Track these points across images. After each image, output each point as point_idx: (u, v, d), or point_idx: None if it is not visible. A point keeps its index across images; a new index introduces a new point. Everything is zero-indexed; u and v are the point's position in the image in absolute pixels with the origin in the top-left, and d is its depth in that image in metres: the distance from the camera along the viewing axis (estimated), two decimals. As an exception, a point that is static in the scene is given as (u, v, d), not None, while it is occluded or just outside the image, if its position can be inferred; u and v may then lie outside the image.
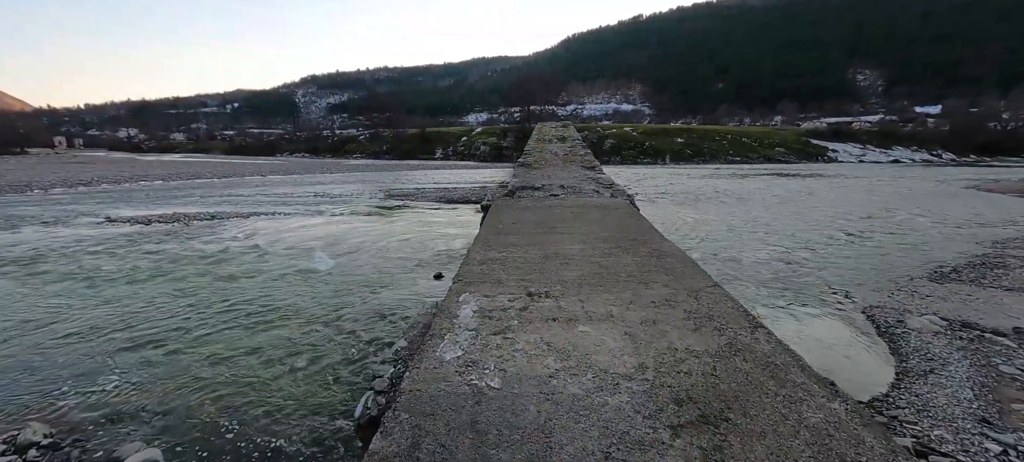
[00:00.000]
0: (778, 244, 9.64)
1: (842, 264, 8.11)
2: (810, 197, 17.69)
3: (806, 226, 11.75)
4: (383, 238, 10.11)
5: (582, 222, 4.64)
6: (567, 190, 7.58)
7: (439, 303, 2.71)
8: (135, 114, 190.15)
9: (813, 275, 7.44)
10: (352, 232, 10.73)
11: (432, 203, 15.83)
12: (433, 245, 9.39)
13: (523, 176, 9.58)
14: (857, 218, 12.95)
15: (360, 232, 10.76)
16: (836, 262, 8.23)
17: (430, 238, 10.05)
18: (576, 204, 5.69)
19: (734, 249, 9.10)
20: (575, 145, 15.56)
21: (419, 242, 9.71)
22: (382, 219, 12.62)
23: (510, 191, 8.06)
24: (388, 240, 9.88)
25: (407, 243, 9.62)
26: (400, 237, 10.22)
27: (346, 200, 16.65)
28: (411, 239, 9.97)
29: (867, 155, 51.42)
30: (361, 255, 8.60)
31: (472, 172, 30.76)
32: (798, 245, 9.55)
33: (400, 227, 11.39)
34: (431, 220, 12.46)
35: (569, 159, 12.59)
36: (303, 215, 13.25)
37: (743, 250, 9.05)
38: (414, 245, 9.42)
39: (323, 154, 58.25)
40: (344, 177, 27.21)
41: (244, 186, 21.95)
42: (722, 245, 9.47)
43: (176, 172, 29.77)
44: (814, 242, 9.83)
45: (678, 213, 13.75)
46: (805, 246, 9.46)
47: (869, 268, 7.86)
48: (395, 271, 7.61)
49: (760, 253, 8.85)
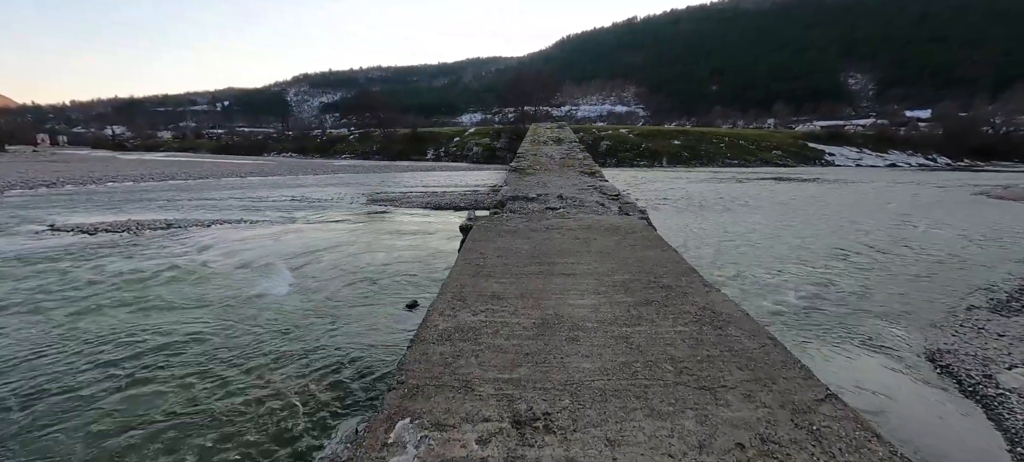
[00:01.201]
0: (802, 261, 8.57)
1: (881, 288, 7.04)
2: (819, 205, 16.73)
3: (825, 239, 10.71)
4: (356, 252, 8.89)
5: (591, 255, 3.48)
6: (567, 202, 6.43)
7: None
8: (122, 111, 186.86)
9: (854, 303, 6.36)
10: (323, 244, 9.50)
11: (417, 209, 14.62)
12: (411, 261, 8.20)
13: (515, 183, 8.42)
14: (876, 230, 11.95)
15: (332, 244, 9.53)
16: (874, 285, 7.17)
17: (409, 252, 8.85)
18: (580, 226, 4.53)
19: (755, 268, 8.01)
20: (572, 148, 14.44)
21: (396, 257, 8.51)
22: (359, 228, 11.38)
23: (500, 202, 6.90)
24: (362, 254, 8.66)
25: (383, 259, 8.42)
26: (376, 250, 9.01)
27: (325, 205, 15.38)
28: (388, 254, 8.76)
29: (864, 159, 50.95)
30: (326, 274, 7.38)
31: (463, 174, 29.57)
32: (824, 263, 8.49)
33: (377, 238, 10.17)
34: (413, 230, 11.25)
35: (566, 163, 11.46)
36: (272, 223, 11.98)
37: (765, 269, 7.96)
38: (390, 261, 8.22)
39: (311, 154, 56.70)
40: (328, 179, 25.88)
41: (218, 189, 20.56)
42: (741, 263, 8.38)
43: (151, 172, 28.23)
44: (841, 259, 8.78)
45: (685, 223, 12.67)
46: (833, 264, 8.40)
47: (915, 294, 6.80)
48: (361, 297, 6.40)
49: (785, 273, 7.77)
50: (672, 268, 3.16)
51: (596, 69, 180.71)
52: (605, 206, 6.08)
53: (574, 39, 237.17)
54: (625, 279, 2.93)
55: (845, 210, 15.38)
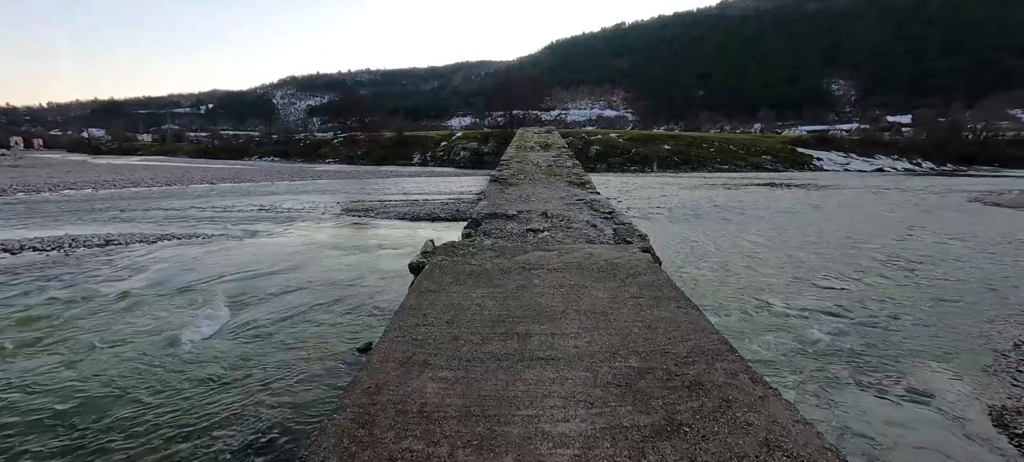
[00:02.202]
0: (816, 282, 7.71)
1: (911, 317, 6.19)
2: (819, 213, 16.04)
3: (835, 254, 9.91)
4: (314, 274, 7.78)
5: (581, 318, 2.49)
6: (552, 222, 5.45)
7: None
8: (102, 114, 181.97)
9: (886, 339, 5.48)
10: (277, 264, 8.37)
11: (393, 221, 13.52)
12: (375, 286, 7.12)
13: (495, 196, 7.42)
14: (885, 242, 11.21)
15: (288, 264, 8.40)
16: (902, 313, 6.31)
17: (373, 275, 7.76)
18: (566, 263, 3.53)
19: (767, 293, 7.11)
20: (561, 154, 13.49)
21: (358, 280, 7.42)
22: (324, 244, 10.24)
23: (474, 219, 5.89)
24: (318, 279, 7.55)
25: (342, 281, 7.32)
26: (336, 271, 7.91)
27: (293, 217, 14.18)
28: (349, 276, 7.67)
29: (851, 164, 51.10)
30: (271, 304, 6.27)
31: (448, 181, 28.49)
32: (841, 284, 7.63)
33: (341, 257, 9.05)
34: (384, 245, 10.16)
35: (554, 172, 10.50)
36: (228, 238, 10.78)
37: (779, 294, 7.06)
38: (350, 285, 7.13)
39: (294, 158, 55.01)
40: (304, 186, 24.57)
41: (184, 197, 19.17)
42: (750, 286, 7.48)
43: (116, 178, 26.58)
44: (858, 279, 7.94)
45: (682, 234, 11.79)
46: (851, 286, 7.54)
47: (950, 324, 5.95)
48: (306, 337, 5.32)
49: (801, 297, 6.88)
50: (698, 342, 2.17)
51: (585, 74, 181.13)
52: (597, 227, 5.11)
53: (564, 43, 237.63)
54: (632, 368, 1.94)
55: (846, 219, 14.69)
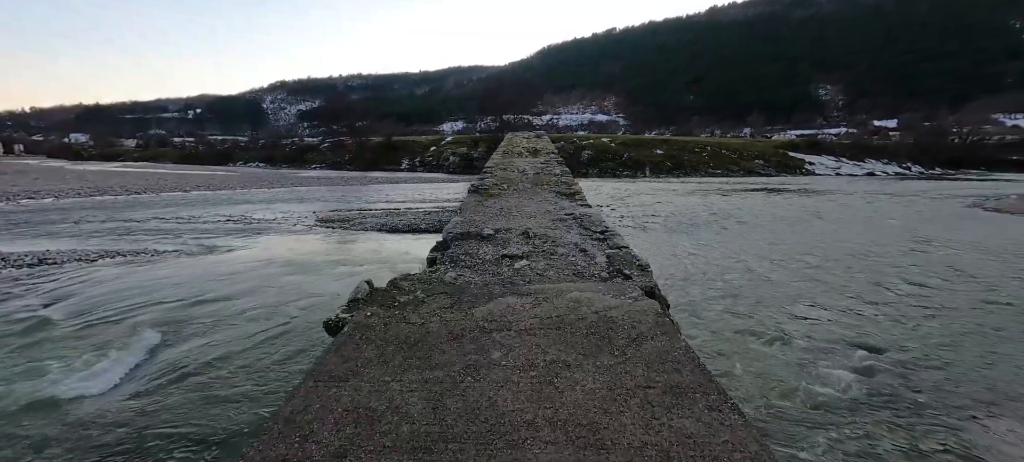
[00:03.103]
0: (832, 305, 6.88)
1: (946, 347, 5.37)
2: (820, 222, 15.35)
3: (845, 269, 9.13)
4: (258, 304, 6.77)
5: (556, 429, 1.56)
6: (534, 245, 4.53)
7: None
8: (87, 119, 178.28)
9: (928, 380, 4.64)
10: (222, 289, 7.35)
11: (371, 232, 12.53)
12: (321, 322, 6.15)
13: (472, 210, 6.49)
14: (895, 254, 10.48)
15: (234, 289, 7.38)
16: (933, 343, 5.49)
17: (331, 302, 6.79)
18: (543, 317, 2.59)
19: (783, 319, 6.26)
20: (549, 160, 12.62)
21: (306, 313, 6.43)
22: (284, 264, 9.21)
23: (443, 242, 4.97)
24: (262, 308, 6.55)
25: (292, 313, 6.33)
26: (285, 301, 6.90)
27: (262, 228, 13.12)
28: (302, 306, 6.67)
29: (842, 168, 51.05)
30: (191, 348, 5.25)
31: (435, 187, 27.51)
32: (858, 306, 6.82)
33: (299, 280, 8.03)
34: (354, 262, 9.17)
35: (541, 180, 9.61)
36: (183, 254, 9.72)
37: (793, 319, 6.22)
38: (297, 318, 6.15)
39: (279, 164, 53.60)
40: (283, 193, 23.43)
41: (150, 206, 17.97)
42: (762, 311, 6.62)
43: (82, 186, 25.20)
44: (878, 301, 7.13)
45: (680, 247, 10.95)
46: (870, 308, 6.73)
47: (991, 357, 5.14)
48: (231, 396, 4.33)
49: (820, 325, 6.04)
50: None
51: (577, 78, 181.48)
52: (587, 253, 4.20)
53: (555, 48, 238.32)
54: None
55: (849, 228, 14.00)
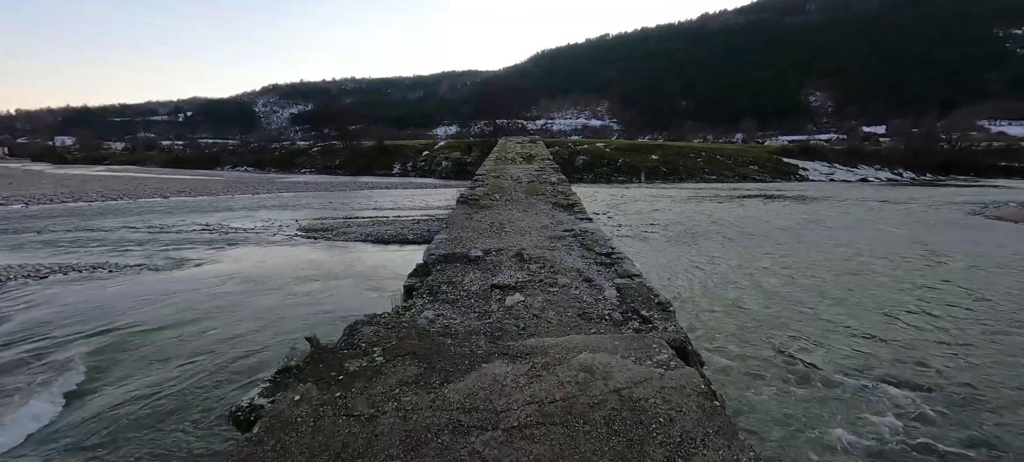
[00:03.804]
0: (858, 331, 6.28)
1: (991, 383, 4.78)
2: (824, 232, 14.86)
3: (862, 287, 8.56)
4: (214, 334, 6.01)
5: None
6: (530, 271, 3.86)
7: None
8: (74, 121, 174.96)
9: (973, 421, 4.03)
10: (178, 312, 6.59)
11: (355, 243, 11.78)
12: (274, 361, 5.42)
13: (459, 225, 5.81)
14: (909, 269, 9.96)
15: (192, 313, 6.62)
16: (976, 376, 4.89)
17: (299, 326, 6.05)
18: (542, 399, 1.87)
19: (802, 346, 5.64)
20: (545, 167, 11.97)
21: (274, 335, 5.70)
22: (253, 281, 8.43)
23: (423, 266, 4.28)
24: (217, 340, 5.79)
25: (249, 345, 5.59)
26: (242, 331, 6.15)
27: (237, 240, 12.32)
28: (264, 332, 5.93)
29: (836, 173, 51.10)
30: (125, 392, 4.49)
31: (426, 194, 26.78)
32: (887, 332, 6.22)
33: (267, 302, 7.26)
34: (331, 278, 8.43)
35: (536, 189, 8.95)
36: (144, 270, 8.92)
37: (816, 347, 5.60)
38: (256, 347, 5.40)
39: (268, 168, 52.53)
40: (267, 200, 22.56)
41: (123, 214, 17.05)
42: (779, 336, 5.99)
43: (57, 192, 24.13)
44: (903, 324, 6.54)
45: (684, 259, 10.34)
46: (899, 335, 6.14)
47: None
48: (159, 452, 3.60)
49: (850, 357, 5.42)
50: None
51: (571, 83, 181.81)
52: (594, 285, 3.54)
53: (549, 54, 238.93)
54: None
55: (854, 238, 13.51)
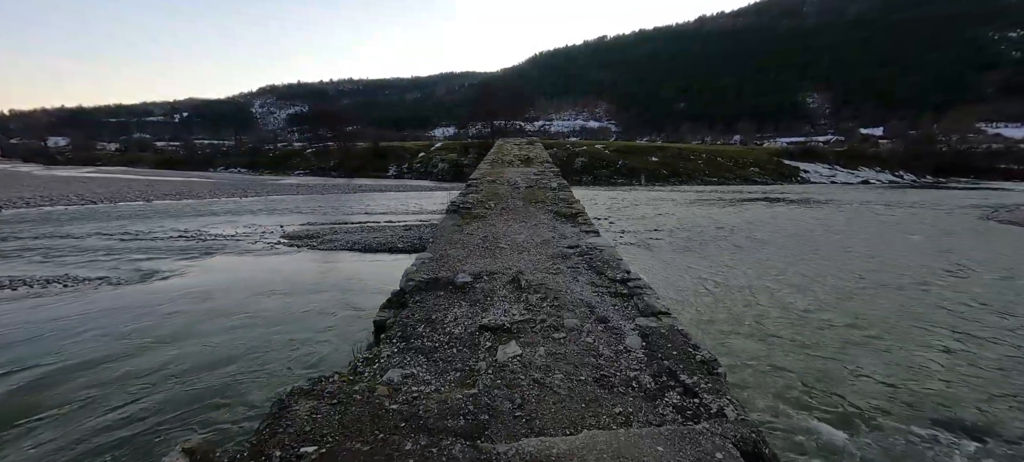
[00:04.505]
0: (897, 357, 5.53)
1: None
2: (838, 238, 14.15)
3: (889, 302, 7.83)
4: (160, 365, 5.20)
5: None
6: (529, 305, 3.07)
7: None
8: (68, 122, 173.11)
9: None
10: (123, 340, 5.77)
11: (340, 252, 10.97)
12: (238, 392, 4.61)
13: (447, 240, 5.02)
14: (932, 282, 9.22)
15: (138, 342, 5.80)
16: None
17: (244, 376, 5.23)
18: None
19: (839, 376, 4.87)
20: (544, 171, 11.19)
21: (221, 374, 4.89)
22: (218, 299, 7.61)
23: (398, 296, 3.50)
24: (147, 381, 4.99)
25: (170, 404, 4.79)
26: (182, 366, 5.35)
27: (214, 248, 11.49)
28: (199, 376, 5.12)
29: (837, 176, 50.59)
30: (45, 433, 3.71)
31: (421, 197, 25.97)
32: (927, 360, 5.48)
33: (224, 328, 6.43)
34: (305, 293, 7.62)
35: (535, 196, 8.17)
36: (105, 284, 8.09)
37: (858, 380, 4.84)
38: (200, 391, 4.60)
39: (261, 170, 51.59)
40: (255, 203, 21.69)
41: (98, 219, 16.17)
42: (809, 361, 5.23)
43: (35, 196, 23.18)
44: (942, 349, 5.80)
45: (693, 271, 9.58)
46: (939, 362, 5.39)
47: None
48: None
49: (896, 390, 4.66)
50: None
51: (568, 85, 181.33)
52: (611, 327, 2.76)
53: (546, 55, 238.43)
54: None
55: (870, 245, 12.80)
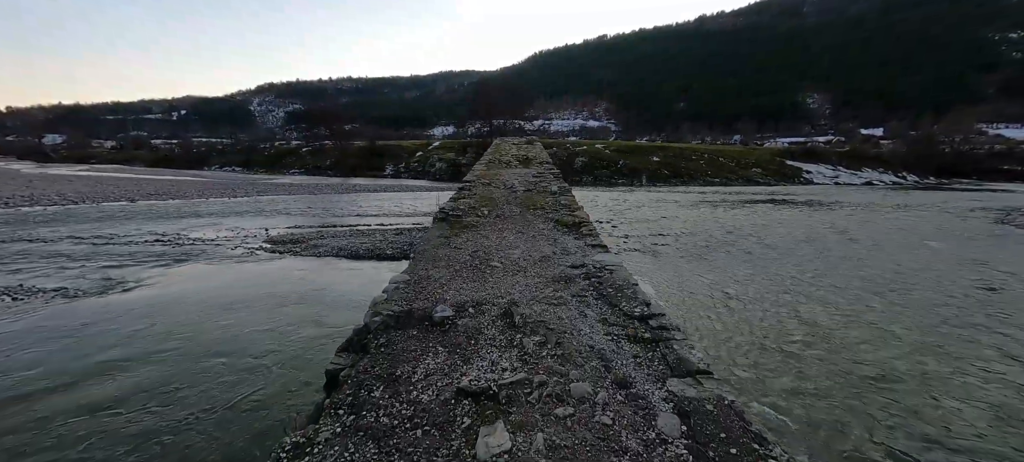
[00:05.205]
0: (951, 389, 4.82)
1: None
2: (847, 242, 13.45)
3: (922, 321, 7.13)
4: (92, 401, 4.49)
5: None
6: (523, 356, 2.32)
7: None
8: (66, 119, 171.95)
9: None
10: (41, 376, 5.05)
11: (326, 258, 10.23)
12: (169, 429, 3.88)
13: (430, 256, 4.29)
14: (963, 292, 8.53)
15: (61, 374, 5.08)
16: None
17: (166, 430, 4.51)
18: None
19: (892, 420, 4.16)
20: (543, 172, 10.46)
21: (161, 415, 4.17)
22: (178, 314, 6.89)
23: (362, 333, 2.76)
24: (96, 407, 4.27)
25: (127, 427, 4.06)
26: (103, 396, 4.62)
27: (189, 253, 10.74)
28: (129, 431, 4.40)
29: (840, 176, 49.94)
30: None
31: (416, 198, 25.22)
32: (986, 395, 4.77)
33: (173, 352, 5.71)
34: (282, 306, 6.88)
35: (533, 200, 7.44)
36: (58, 297, 7.35)
37: (913, 419, 4.12)
38: (137, 432, 3.88)
39: (256, 168, 50.79)
40: (243, 204, 20.93)
41: (75, 220, 15.41)
42: (847, 398, 4.51)
43: (14, 194, 22.38)
44: (999, 381, 5.09)
45: (705, 283, 8.86)
46: (1000, 398, 4.68)
47: None
48: None
49: (962, 439, 3.95)
50: None
51: (568, 84, 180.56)
52: (635, 398, 2.03)
53: (546, 54, 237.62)
54: None
55: (887, 253, 12.11)
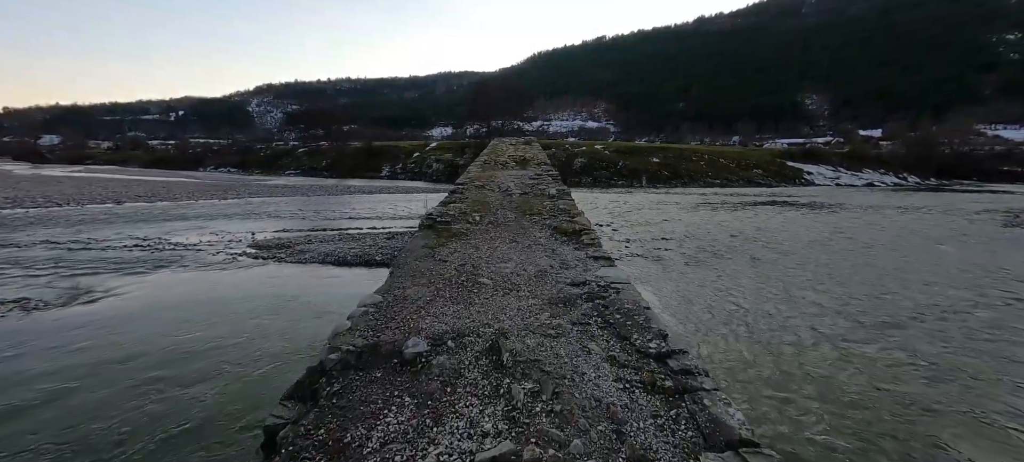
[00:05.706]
0: (995, 417, 4.33)
1: None
2: (856, 246, 12.97)
3: (944, 334, 6.64)
4: (45, 427, 3.96)
5: None
6: (514, 425, 1.82)
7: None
8: (63, 120, 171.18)
9: None
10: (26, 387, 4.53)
11: (311, 265, 9.70)
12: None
13: (410, 275, 3.77)
14: (986, 301, 8.05)
15: (36, 393, 4.56)
16: None
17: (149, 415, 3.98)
18: None
19: None
20: (541, 175, 9.95)
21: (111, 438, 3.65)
22: (136, 330, 6.36)
23: (314, 377, 2.24)
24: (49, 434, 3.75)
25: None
26: (35, 424, 4.10)
27: (172, 258, 10.20)
28: (100, 424, 3.87)
29: (841, 177, 49.55)
30: None
31: (411, 200, 24.70)
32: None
33: (123, 380, 5.19)
34: (256, 319, 6.35)
35: (530, 205, 6.92)
36: (15, 310, 6.83)
37: None
38: None
39: (251, 169, 50.22)
40: (235, 206, 20.39)
41: (54, 223, 14.85)
42: (890, 438, 4.01)
43: (2, 196, 21.83)
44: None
45: (713, 291, 8.35)
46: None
47: None
48: None
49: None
50: None
51: (567, 85, 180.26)
52: None
53: (545, 55, 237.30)
54: None
55: (898, 258, 11.63)
